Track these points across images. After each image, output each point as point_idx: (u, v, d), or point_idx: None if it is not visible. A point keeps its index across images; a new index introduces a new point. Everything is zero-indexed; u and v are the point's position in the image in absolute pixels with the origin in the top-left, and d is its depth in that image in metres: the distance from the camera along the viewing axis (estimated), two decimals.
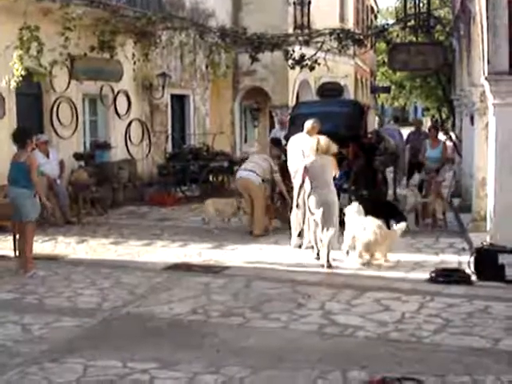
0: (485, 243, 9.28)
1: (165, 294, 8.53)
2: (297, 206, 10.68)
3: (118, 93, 17.43)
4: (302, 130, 11.56)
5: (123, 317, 7.70)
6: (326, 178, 10.09)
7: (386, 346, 6.59)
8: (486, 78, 9.15)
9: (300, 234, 11.32)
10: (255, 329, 7.17)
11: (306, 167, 10.13)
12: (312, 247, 10.59)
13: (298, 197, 10.57)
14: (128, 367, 6.05)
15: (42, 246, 11.60)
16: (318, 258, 10.21)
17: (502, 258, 8.89)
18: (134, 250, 11.42)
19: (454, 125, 20.65)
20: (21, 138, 10.08)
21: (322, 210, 9.91)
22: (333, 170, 10.19)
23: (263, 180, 12.56)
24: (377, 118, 40.32)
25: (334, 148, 10.28)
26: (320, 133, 11.49)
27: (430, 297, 8.21)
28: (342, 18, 28.77)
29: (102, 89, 16.84)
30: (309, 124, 11.41)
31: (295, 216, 11.44)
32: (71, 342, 6.81)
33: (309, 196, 10.11)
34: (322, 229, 9.94)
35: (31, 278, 9.50)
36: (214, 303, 8.08)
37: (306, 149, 10.78)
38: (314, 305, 7.94)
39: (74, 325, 7.37)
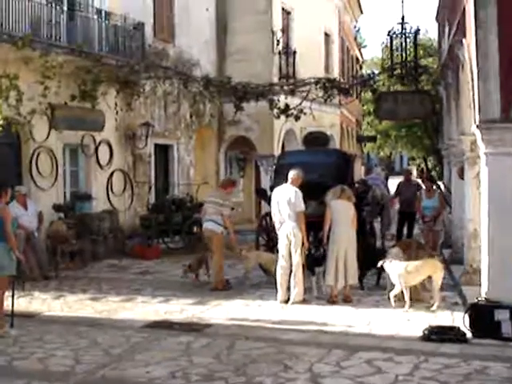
0: (480, 299, 8.85)
1: (143, 356, 8.01)
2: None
3: (100, 143, 17.08)
4: (287, 180, 11.24)
5: (97, 381, 7.18)
6: (347, 219, 10.97)
7: None
8: (477, 126, 8.82)
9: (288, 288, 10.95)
10: None
11: (330, 205, 10.98)
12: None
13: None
14: None
15: (17, 302, 11.04)
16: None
17: (498, 314, 8.49)
18: (112, 307, 10.92)
19: (441, 174, 20.44)
20: None
21: (343, 245, 10.84)
22: (353, 215, 11.05)
23: (225, 227, 12.34)
24: (363, 168, 40.11)
25: (353, 199, 11.28)
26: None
27: (423, 357, 7.74)
28: (327, 69, 28.65)
29: (83, 139, 16.50)
30: (293, 174, 11.14)
31: (280, 269, 11.02)
32: None
33: (330, 233, 10.95)
34: (342, 264, 10.82)
35: (2, 337, 8.98)
36: (194, 366, 7.56)
37: (292, 198, 10.85)
38: (301, 367, 7.45)
39: None
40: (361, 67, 41.80)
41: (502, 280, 8.64)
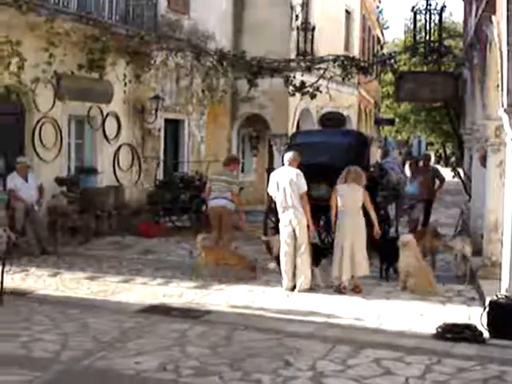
0: (499, 295, 8.21)
1: (134, 344, 7.43)
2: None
3: (108, 115, 16.47)
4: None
5: (80, 371, 6.61)
6: (353, 204, 10.22)
7: None
8: (504, 110, 8.16)
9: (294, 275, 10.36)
10: None
11: (336, 190, 10.30)
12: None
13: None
14: None
15: (11, 277, 10.58)
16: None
17: None
18: (109, 288, 10.38)
19: (458, 161, 19.75)
20: None
21: (348, 235, 10.11)
22: (364, 200, 10.29)
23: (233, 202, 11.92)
24: (379, 151, 39.45)
25: (364, 180, 10.51)
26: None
27: (436, 358, 7.11)
28: (347, 47, 27.85)
29: (89, 110, 15.88)
30: (289, 156, 10.57)
31: (284, 255, 10.42)
32: None
33: (337, 222, 10.29)
34: (348, 255, 10.12)
35: None
36: (187, 357, 6.97)
37: (294, 178, 10.24)
38: (303, 363, 6.85)
39: (22, 380, 6.28)
40: (382, 48, 40.86)
41: None
